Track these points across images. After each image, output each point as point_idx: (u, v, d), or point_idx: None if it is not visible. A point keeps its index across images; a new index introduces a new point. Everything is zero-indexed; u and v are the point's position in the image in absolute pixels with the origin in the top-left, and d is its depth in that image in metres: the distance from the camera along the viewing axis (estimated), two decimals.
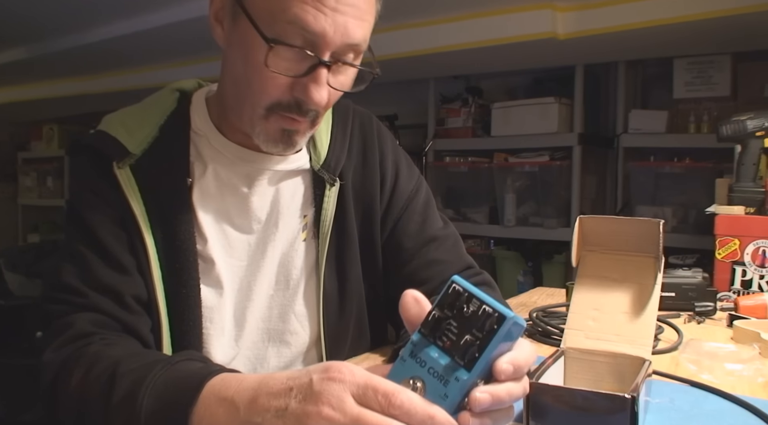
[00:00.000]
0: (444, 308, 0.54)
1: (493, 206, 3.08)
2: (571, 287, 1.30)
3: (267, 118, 0.81)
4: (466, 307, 0.53)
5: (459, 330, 0.53)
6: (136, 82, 3.55)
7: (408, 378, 0.53)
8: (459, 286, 0.54)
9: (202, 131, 0.89)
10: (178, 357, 0.67)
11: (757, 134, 1.52)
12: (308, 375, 0.53)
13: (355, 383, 0.51)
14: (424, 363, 0.53)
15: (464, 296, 0.54)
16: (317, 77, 0.76)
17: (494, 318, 0.52)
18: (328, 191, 0.91)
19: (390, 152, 1.00)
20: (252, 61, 0.77)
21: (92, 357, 0.71)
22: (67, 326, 0.76)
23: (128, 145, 0.84)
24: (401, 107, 3.41)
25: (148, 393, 0.62)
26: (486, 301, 0.53)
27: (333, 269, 0.93)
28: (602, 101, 3.04)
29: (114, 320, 0.79)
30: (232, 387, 0.58)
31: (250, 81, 0.79)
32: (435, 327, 0.54)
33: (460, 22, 2.54)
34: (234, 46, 0.80)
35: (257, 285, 0.90)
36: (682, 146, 2.63)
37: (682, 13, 2.13)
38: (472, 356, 0.52)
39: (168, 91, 0.93)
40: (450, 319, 0.54)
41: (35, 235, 4.92)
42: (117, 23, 2.86)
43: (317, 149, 0.93)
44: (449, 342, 0.53)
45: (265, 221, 0.90)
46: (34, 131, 4.96)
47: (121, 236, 0.83)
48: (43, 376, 0.75)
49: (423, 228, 0.98)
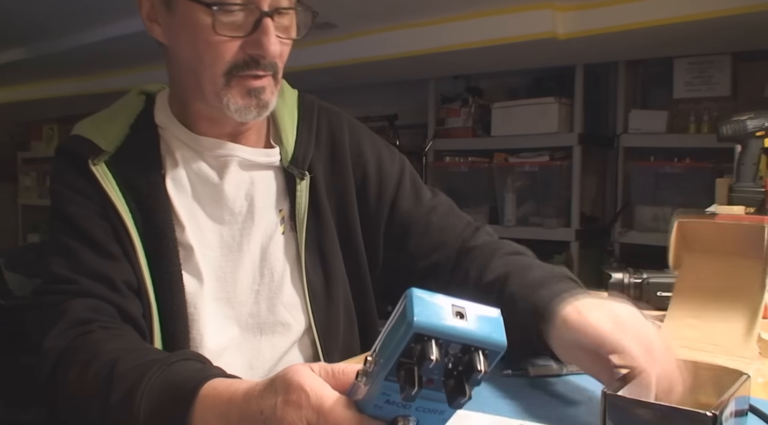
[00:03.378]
0: (411, 357, 0.44)
1: (493, 206, 3.08)
2: None
3: (229, 84, 0.84)
4: (442, 351, 0.44)
5: (440, 369, 0.45)
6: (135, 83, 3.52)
7: (396, 417, 0.48)
8: (426, 334, 0.43)
9: (165, 125, 0.93)
10: (173, 357, 0.68)
11: (757, 134, 1.52)
12: (275, 395, 0.53)
13: (311, 408, 0.50)
14: (409, 405, 0.47)
15: (438, 343, 0.43)
16: (266, 28, 0.81)
17: (486, 356, 0.45)
18: (298, 184, 0.94)
19: (367, 143, 1.03)
20: (199, 36, 0.81)
21: (91, 350, 0.72)
22: (64, 312, 0.78)
23: (101, 143, 0.88)
24: (401, 107, 3.41)
25: (145, 398, 0.63)
26: (468, 340, 0.44)
27: (315, 260, 0.95)
28: (602, 101, 3.04)
29: (108, 304, 0.81)
30: (223, 400, 0.59)
31: (201, 57, 0.82)
32: (408, 378, 0.44)
33: (460, 22, 2.54)
34: (176, 34, 0.85)
35: (239, 279, 0.92)
36: (682, 146, 2.63)
37: (682, 13, 2.13)
38: (468, 393, 0.45)
39: (135, 94, 0.98)
40: (427, 370, 0.44)
41: (35, 235, 4.92)
42: (117, 23, 2.85)
43: (284, 145, 0.96)
44: (431, 382, 0.45)
45: (241, 215, 0.93)
46: (34, 131, 4.96)
47: (105, 227, 0.85)
48: (42, 364, 0.75)
49: (418, 202, 1.02)
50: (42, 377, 0.75)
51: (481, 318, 0.45)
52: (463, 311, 0.44)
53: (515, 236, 2.99)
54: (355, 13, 0.71)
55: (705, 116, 2.58)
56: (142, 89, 0.98)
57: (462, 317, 0.44)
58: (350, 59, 2.79)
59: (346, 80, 3.22)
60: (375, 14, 2.51)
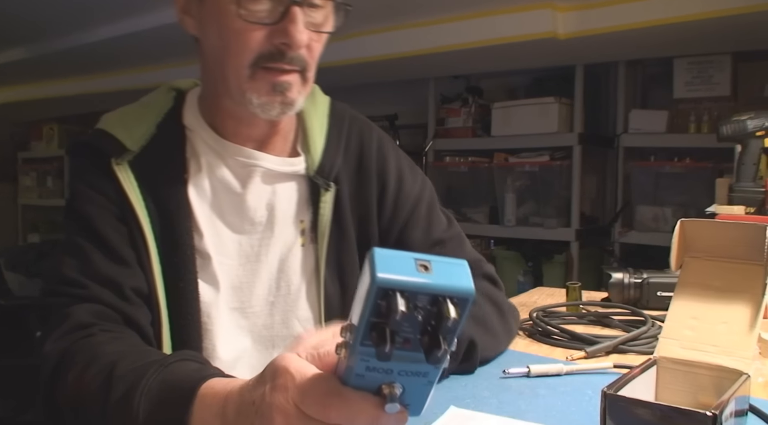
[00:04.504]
0: (381, 315, 0.43)
1: (493, 206, 3.08)
2: (572, 287, 1.30)
3: (253, 77, 0.81)
4: (411, 304, 0.43)
5: (413, 326, 0.44)
6: (136, 82, 3.55)
7: (381, 385, 0.48)
8: (390, 288, 0.43)
9: (194, 127, 0.90)
10: (171, 358, 0.67)
11: (757, 134, 1.52)
12: (263, 383, 0.53)
13: (296, 389, 0.50)
14: (390, 370, 0.46)
15: (404, 297, 0.43)
16: (293, 17, 0.78)
17: (455, 304, 0.43)
18: (323, 195, 0.92)
19: (392, 158, 1.00)
20: (226, 22, 0.79)
21: (90, 352, 0.72)
22: (66, 317, 0.77)
23: (126, 142, 0.86)
24: (401, 107, 3.41)
25: (144, 400, 0.63)
26: (433, 289, 0.43)
27: (334, 273, 0.93)
28: (602, 101, 3.04)
29: (114, 311, 0.79)
30: (220, 399, 0.59)
31: (228, 46, 0.81)
32: (380, 337, 0.44)
33: (460, 22, 2.54)
34: (206, 24, 0.83)
35: (255, 289, 0.90)
36: (682, 146, 2.63)
37: (682, 13, 2.13)
38: (444, 353, 0.45)
39: (164, 90, 0.94)
40: (396, 323, 0.43)
41: (35, 235, 4.92)
42: (117, 23, 2.86)
43: (311, 153, 0.93)
44: (408, 342, 0.45)
45: (261, 225, 0.91)
46: (34, 131, 4.96)
47: (120, 230, 0.83)
48: (42, 368, 0.75)
49: (428, 232, 0.98)
50: (41, 381, 0.75)
51: (447, 269, 0.44)
52: (427, 264, 0.44)
53: (515, 235, 3.00)
54: (355, 13, 0.71)
55: (705, 116, 2.59)
56: (173, 85, 0.95)
57: (426, 269, 0.44)
58: (350, 59, 2.78)
59: (347, 80, 3.22)
60: (375, 14, 2.51)
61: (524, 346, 1.03)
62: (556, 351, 0.99)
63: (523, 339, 1.06)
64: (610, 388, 0.59)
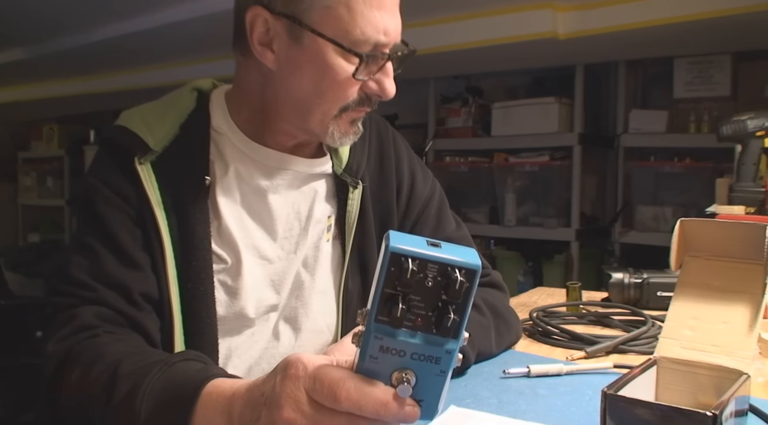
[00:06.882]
0: (395, 286, 0.46)
1: (493, 206, 3.08)
2: (572, 287, 1.30)
3: (339, 117, 0.84)
4: (421, 275, 0.46)
5: (425, 302, 0.47)
6: (136, 82, 3.55)
7: (393, 372, 0.49)
8: (402, 254, 0.46)
9: (223, 130, 0.89)
10: (175, 358, 0.67)
11: (757, 134, 1.52)
12: (274, 376, 0.54)
13: (307, 377, 0.51)
14: (403, 352, 0.48)
15: (415, 264, 0.46)
16: (388, 71, 0.83)
17: (464, 276, 0.46)
18: (351, 193, 0.93)
19: (405, 158, 1.02)
20: (329, 73, 0.80)
21: (94, 352, 0.71)
22: (72, 318, 0.76)
23: (149, 141, 0.84)
24: (401, 107, 3.40)
25: (146, 398, 0.63)
26: (442, 260, 0.46)
27: (356, 269, 0.94)
28: (602, 101, 3.04)
29: (120, 315, 0.78)
30: (227, 396, 0.59)
31: (323, 94, 0.82)
32: (393, 310, 0.46)
33: (460, 22, 2.54)
34: (298, 67, 0.82)
35: (278, 287, 0.90)
36: (682, 146, 2.64)
37: (682, 13, 2.13)
38: (454, 324, 0.47)
39: (187, 90, 0.92)
40: (408, 295, 0.46)
41: (35, 235, 4.92)
42: (117, 23, 2.86)
43: (339, 153, 0.94)
44: (420, 319, 0.47)
45: (288, 223, 0.91)
46: (34, 131, 4.97)
47: (135, 233, 0.82)
48: (45, 367, 0.75)
49: (437, 231, 1.00)
50: (44, 381, 0.75)
51: (455, 248, 0.48)
52: (437, 244, 0.48)
53: (515, 235, 3.00)
54: None
55: (705, 116, 2.59)
56: (195, 86, 0.93)
57: (436, 247, 0.48)
58: None
59: None
60: None
61: (524, 346, 1.03)
62: (556, 351, 0.99)
63: (523, 339, 1.06)
64: (610, 388, 0.59)
